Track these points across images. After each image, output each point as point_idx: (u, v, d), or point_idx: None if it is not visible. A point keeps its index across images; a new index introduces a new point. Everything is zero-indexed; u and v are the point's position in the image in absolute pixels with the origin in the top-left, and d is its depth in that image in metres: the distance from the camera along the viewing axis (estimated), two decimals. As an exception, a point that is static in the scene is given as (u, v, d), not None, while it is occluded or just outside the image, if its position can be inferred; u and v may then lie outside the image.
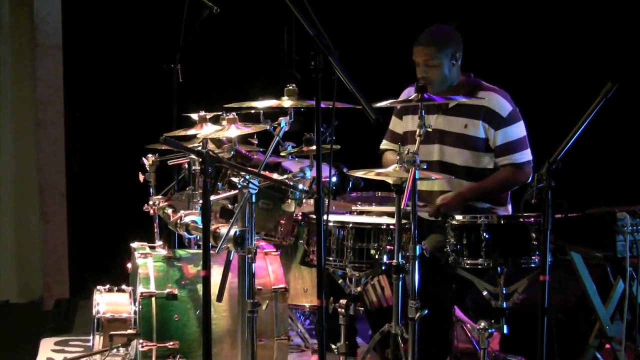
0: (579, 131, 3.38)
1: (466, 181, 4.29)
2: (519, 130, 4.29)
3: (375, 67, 6.26)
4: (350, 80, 2.93)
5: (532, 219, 3.70)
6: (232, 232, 3.35)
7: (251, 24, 6.50)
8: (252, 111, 3.96)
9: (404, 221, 3.74)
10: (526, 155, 4.29)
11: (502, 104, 4.27)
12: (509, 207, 4.43)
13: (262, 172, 3.51)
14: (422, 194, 4.27)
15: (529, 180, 4.27)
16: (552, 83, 5.95)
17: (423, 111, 3.73)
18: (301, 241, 4.16)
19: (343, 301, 3.90)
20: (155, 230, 4.44)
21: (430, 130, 3.77)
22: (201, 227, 3.45)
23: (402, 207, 3.60)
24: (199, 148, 3.90)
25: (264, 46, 6.57)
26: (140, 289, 3.84)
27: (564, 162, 3.36)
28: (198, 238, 4.14)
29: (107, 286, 4.13)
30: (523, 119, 4.32)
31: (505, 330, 3.80)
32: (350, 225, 3.88)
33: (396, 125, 4.58)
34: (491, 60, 5.51)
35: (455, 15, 5.08)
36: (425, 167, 3.72)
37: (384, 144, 4.64)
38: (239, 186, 3.39)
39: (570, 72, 5.86)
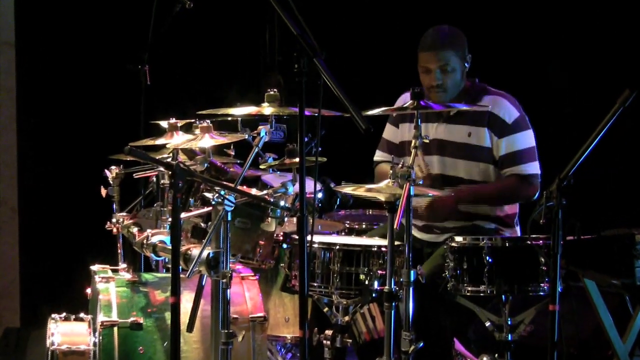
0: (594, 143, 3.39)
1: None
2: (526, 139, 4.30)
3: (366, 71, 6.28)
4: (338, 85, 2.95)
5: (541, 242, 3.72)
6: (204, 254, 3.36)
7: (229, 21, 6.51)
8: (229, 119, 3.97)
9: (397, 243, 3.75)
10: (534, 167, 4.31)
11: (508, 109, 4.29)
12: (517, 228, 4.45)
13: (239, 187, 3.51)
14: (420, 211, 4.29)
15: (535, 197, 4.28)
16: (564, 90, 5.98)
17: (419, 120, 3.74)
18: (282, 265, 4.16)
19: (329, 332, 3.91)
20: (119, 251, 4.42)
21: (427, 141, 3.78)
22: (170, 248, 3.45)
23: (395, 227, 3.61)
24: (169, 160, 3.91)
25: (243, 46, 6.59)
26: (101, 317, 3.84)
27: (576, 177, 3.37)
28: (167, 260, 4.13)
29: (64, 314, 4.10)
30: (533, 129, 4.34)
31: (510, 366, 3.82)
32: (338, 247, 3.88)
33: (392, 134, 4.59)
34: (498, 65, 5.55)
35: (455, 16, 5.10)
36: (420, 182, 3.74)
37: (379, 156, 4.65)
38: (213, 202, 3.40)
39: (584, 78, 5.89)
